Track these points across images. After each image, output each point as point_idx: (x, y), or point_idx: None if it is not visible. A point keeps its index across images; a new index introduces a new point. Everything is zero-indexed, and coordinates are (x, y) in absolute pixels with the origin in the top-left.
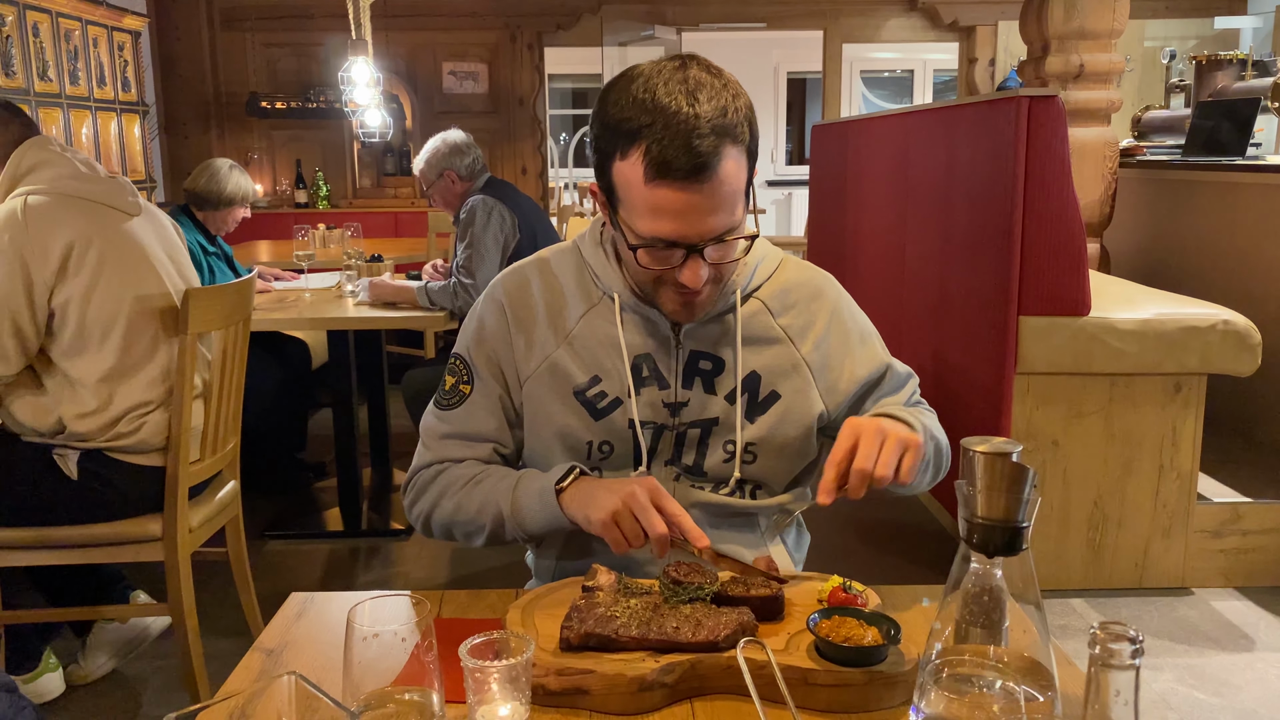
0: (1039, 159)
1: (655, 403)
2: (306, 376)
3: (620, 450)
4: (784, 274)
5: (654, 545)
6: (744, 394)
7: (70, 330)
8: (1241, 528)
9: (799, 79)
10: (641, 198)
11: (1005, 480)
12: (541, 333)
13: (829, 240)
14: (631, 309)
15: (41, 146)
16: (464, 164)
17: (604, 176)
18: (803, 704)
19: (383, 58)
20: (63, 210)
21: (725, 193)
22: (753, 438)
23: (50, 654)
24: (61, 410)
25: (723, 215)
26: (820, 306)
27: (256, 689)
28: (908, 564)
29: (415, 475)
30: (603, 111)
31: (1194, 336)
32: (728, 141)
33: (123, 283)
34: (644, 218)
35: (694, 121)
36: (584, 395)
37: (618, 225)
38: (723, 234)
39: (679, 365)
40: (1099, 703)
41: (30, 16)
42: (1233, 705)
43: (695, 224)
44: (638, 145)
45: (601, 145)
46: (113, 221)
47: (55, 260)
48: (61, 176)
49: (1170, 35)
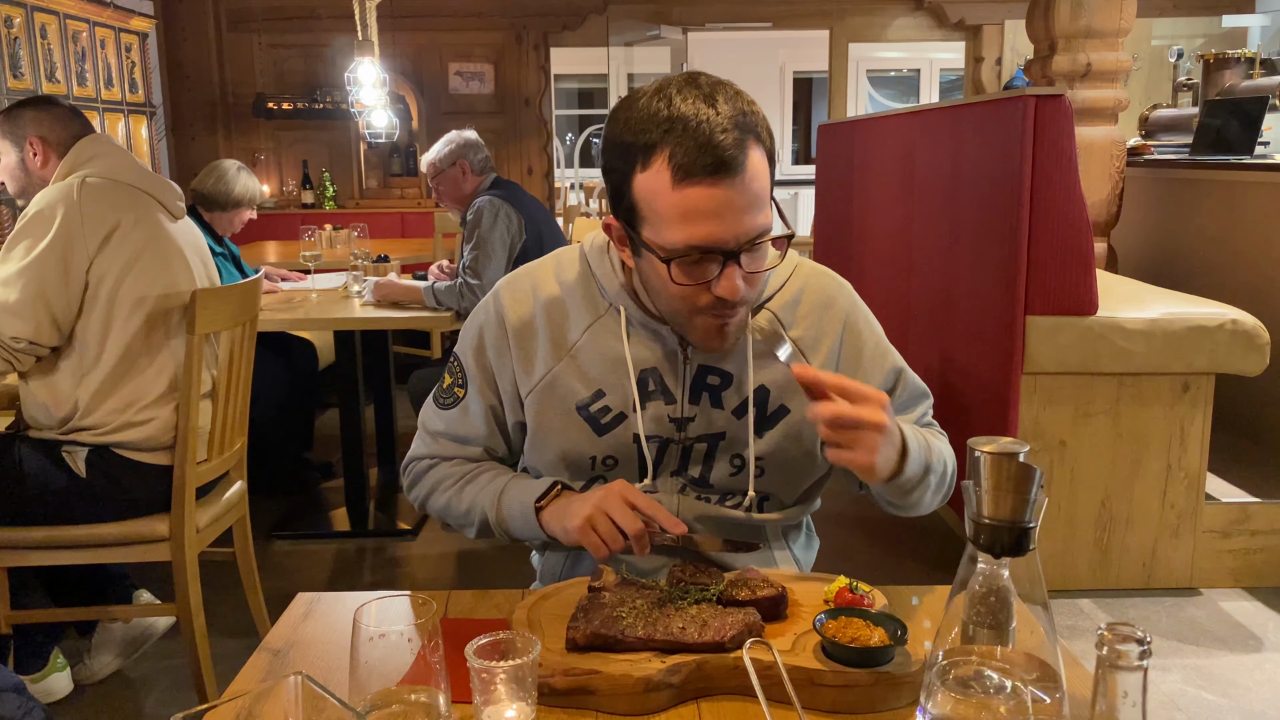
0: (1046, 158)
1: (661, 417)
2: (313, 377)
3: (624, 464)
4: (796, 281)
5: (633, 543)
6: (753, 408)
7: (99, 307)
8: (1250, 528)
9: (805, 78)
10: (670, 205)
11: (1012, 480)
12: (542, 348)
13: (835, 240)
14: (638, 323)
15: (102, 141)
16: (477, 158)
17: (622, 199)
18: (809, 705)
19: (389, 58)
20: (116, 193)
21: (755, 189)
22: (760, 452)
23: (58, 654)
24: (80, 392)
25: (756, 214)
26: (832, 317)
27: (263, 689)
28: (914, 565)
29: (410, 463)
30: (613, 133)
31: (1202, 336)
32: (751, 138)
33: (157, 270)
34: (675, 226)
35: (716, 120)
36: (587, 410)
37: (642, 251)
38: (757, 236)
39: (686, 380)
40: (1106, 704)
41: (38, 18)
42: (1241, 706)
43: (731, 224)
44: (660, 152)
45: (617, 165)
46: (159, 215)
47: (100, 234)
48: (118, 167)
49: (1178, 34)
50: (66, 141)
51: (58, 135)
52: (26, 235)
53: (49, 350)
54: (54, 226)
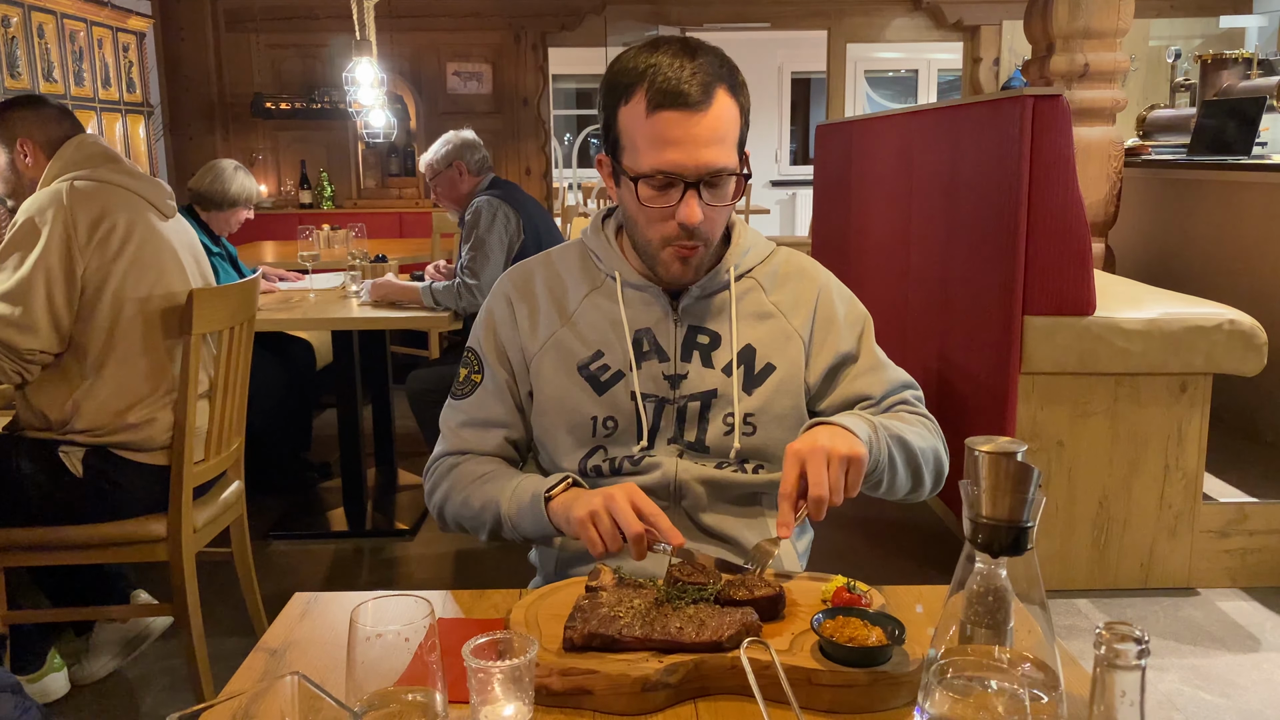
0: (1044, 159)
1: (656, 376)
2: (311, 377)
3: (624, 426)
4: (775, 259)
5: (631, 546)
6: (740, 366)
7: (99, 311)
8: (1247, 528)
9: (803, 79)
10: (643, 131)
11: (1010, 480)
12: (546, 315)
13: (833, 240)
14: (633, 286)
15: (92, 142)
16: (474, 159)
17: (609, 132)
18: (806, 704)
19: (387, 58)
20: (105, 194)
21: (720, 129)
22: (750, 409)
23: (55, 654)
24: (78, 395)
25: (717, 149)
26: (808, 284)
27: (260, 689)
28: (912, 564)
29: (434, 463)
30: (607, 77)
31: (1199, 336)
32: (724, 83)
33: (150, 271)
34: (646, 151)
35: (691, 65)
36: (587, 369)
37: (621, 179)
38: (718, 170)
39: (678, 339)
40: (1104, 703)
41: (35, 18)
42: (1238, 706)
43: (693, 153)
44: (640, 87)
45: (606, 103)
46: (150, 215)
47: (93, 238)
48: (107, 168)
49: (1175, 34)
50: (56, 142)
51: (47, 135)
52: (18, 247)
53: (54, 357)
54: (45, 234)
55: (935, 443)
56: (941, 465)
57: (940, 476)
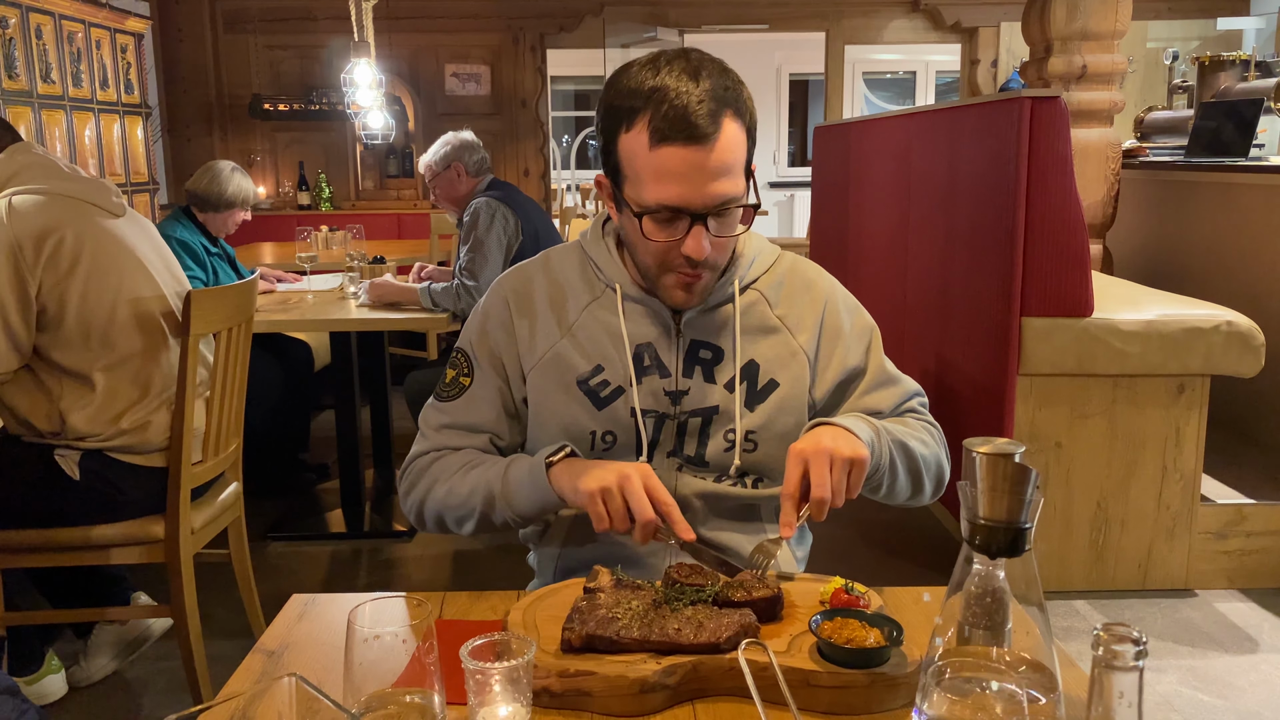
0: (1041, 160)
1: (656, 391)
2: (309, 378)
3: (623, 440)
4: (780, 267)
5: (638, 530)
6: (743, 382)
7: (66, 325)
8: (1245, 529)
9: (801, 80)
10: (647, 164)
11: (1008, 481)
12: (545, 325)
13: (831, 242)
14: (633, 299)
15: (25, 151)
16: (473, 160)
17: (609, 157)
18: (805, 706)
19: (385, 60)
20: (48, 207)
21: (728, 159)
22: (752, 426)
23: (53, 656)
24: (63, 406)
25: (725, 181)
26: (813, 297)
27: (257, 690)
28: (910, 566)
29: (410, 464)
30: (607, 97)
31: (1197, 338)
32: (730, 110)
33: (113, 278)
34: (650, 185)
35: (695, 91)
36: (586, 384)
37: (623, 207)
38: (726, 201)
39: (679, 354)
40: (1102, 705)
41: (33, 19)
42: (1236, 707)
43: (699, 186)
44: (642, 115)
45: (606, 126)
46: (97, 218)
47: (39, 250)
48: (45, 177)
49: (1173, 36)
50: None
51: None
52: None
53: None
54: None
55: (937, 449)
56: (943, 472)
57: (941, 483)
